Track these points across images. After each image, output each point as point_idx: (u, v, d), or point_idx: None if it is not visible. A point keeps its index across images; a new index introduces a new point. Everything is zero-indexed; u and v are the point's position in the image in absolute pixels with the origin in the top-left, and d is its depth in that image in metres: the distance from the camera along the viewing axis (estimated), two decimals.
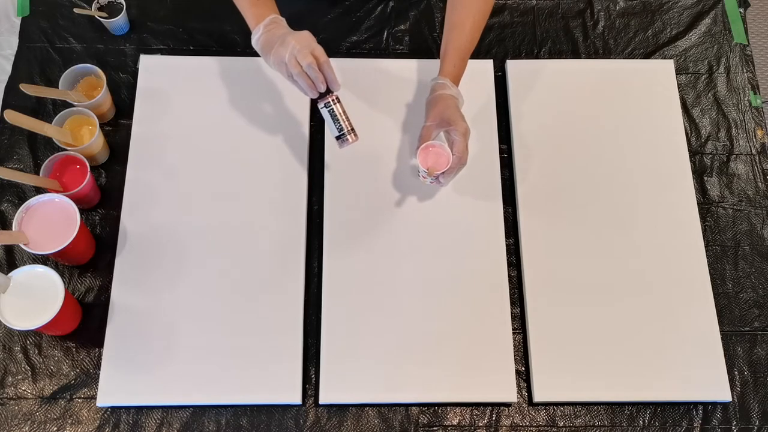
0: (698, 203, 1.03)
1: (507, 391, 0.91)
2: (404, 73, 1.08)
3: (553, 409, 0.93)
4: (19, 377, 0.91)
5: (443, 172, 0.92)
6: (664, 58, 1.14)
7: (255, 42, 0.90)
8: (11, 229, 0.88)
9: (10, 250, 0.98)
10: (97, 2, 1.07)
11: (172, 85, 1.05)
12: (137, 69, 1.07)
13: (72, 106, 0.99)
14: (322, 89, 0.86)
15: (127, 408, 0.91)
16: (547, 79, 1.09)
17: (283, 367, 0.91)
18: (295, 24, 0.97)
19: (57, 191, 0.93)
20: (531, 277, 0.97)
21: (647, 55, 1.14)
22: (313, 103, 1.06)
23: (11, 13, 1.14)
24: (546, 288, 0.97)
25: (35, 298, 0.85)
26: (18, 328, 0.84)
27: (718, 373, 0.93)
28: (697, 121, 1.10)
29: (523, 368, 0.95)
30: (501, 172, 1.02)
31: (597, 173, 1.03)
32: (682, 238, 1.00)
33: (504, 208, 1.01)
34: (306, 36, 0.85)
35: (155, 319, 0.93)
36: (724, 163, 1.08)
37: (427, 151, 0.95)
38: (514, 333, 0.95)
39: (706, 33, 1.16)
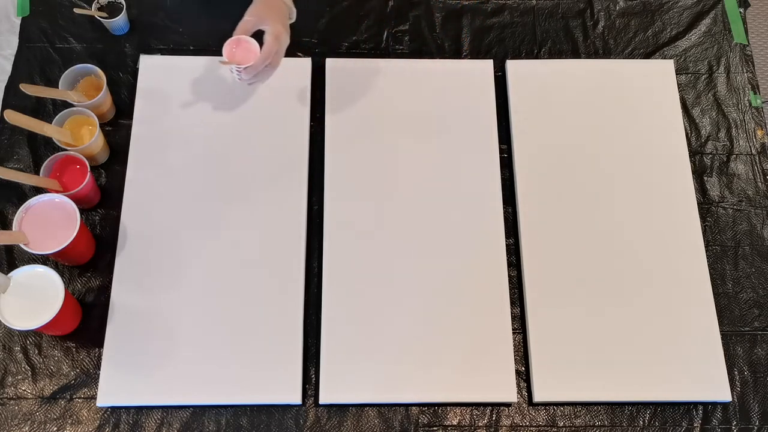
0: (698, 203, 1.03)
1: (507, 391, 0.91)
2: (404, 73, 1.08)
3: (553, 409, 0.93)
4: (19, 377, 0.91)
5: (246, 67, 0.93)
6: (664, 58, 1.14)
7: None
8: (11, 229, 0.88)
9: (10, 250, 0.98)
10: (97, 2, 1.07)
11: (172, 85, 1.05)
12: (137, 69, 1.07)
13: (72, 106, 0.99)
14: None
15: (127, 408, 0.91)
16: (547, 79, 1.09)
17: (283, 367, 0.91)
18: (295, 23, 0.97)
19: (57, 191, 0.93)
20: (531, 277, 0.97)
21: (647, 55, 1.14)
22: (313, 103, 1.06)
23: (11, 13, 1.14)
24: (546, 288, 0.97)
25: (35, 298, 0.85)
26: (18, 328, 0.84)
27: (718, 373, 0.93)
28: (697, 121, 1.10)
29: (523, 368, 0.95)
30: (501, 172, 1.02)
31: (597, 173, 1.03)
32: (682, 238, 1.00)
33: (504, 208, 1.01)
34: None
35: (155, 319, 0.93)
36: (724, 163, 1.08)
37: (236, 45, 0.96)
38: (514, 333, 0.95)
39: (706, 33, 1.16)
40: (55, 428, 0.89)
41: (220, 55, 1.09)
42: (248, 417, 0.91)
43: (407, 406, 0.92)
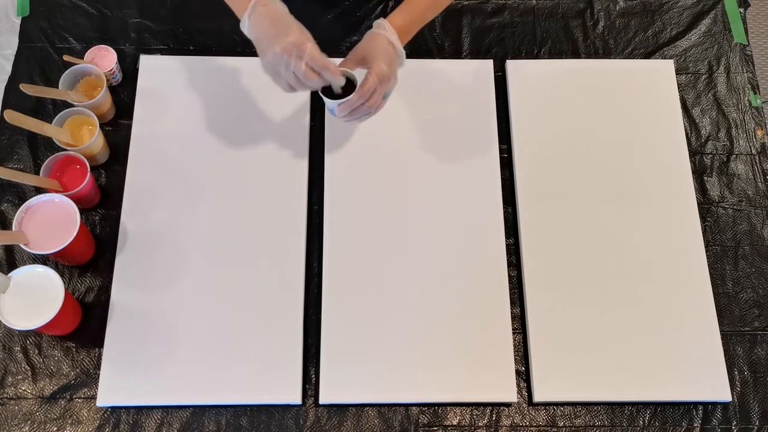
0: (698, 203, 1.03)
1: (507, 391, 0.91)
2: (404, 73, 1.07)
3: (553, 409, 0.93)
4: (19, 377, 0.91)
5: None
6: (664, 58, 1.14)
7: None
8: (11, 229, 0.88)
9: (10, 250, 0.98)
10: None
11: (172, 85, 1.05)
12: (137, 69, 1.07)
13: (72, 106, 0.99)
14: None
15: (127, 408, 0.91)
16: (547, 79, 1.09)
17: (283, 367, 0.91)
18: None
19: (57, 191, 0.93)
20: (531, 277, 0.97)
21: (647, 55, 1.14)
22: (313, 103, 1.06)
23: (11, 13, 1.14)
24: (546, 288, 0.97)
25: (35, 298, 0.85)
26: (18, 328, 0.84)
27: (718, 373, 0.93)
28: (697, 121, 1.10)
29: (523, 368, 0.95)
30: (501, 172, 1.03)
31: (597, 173, 1.03)
32: (682, 238, 1.00)
33: (504, 208, 1.01)
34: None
35: (155, 319, 0.93)
36: (724, 163, 1.08)
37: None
38: (514, 333, 0.95)
39: (706, 33, 1.16)
40: (55, 428, 0.89)
41: (220, 55, 1.09)
42: (248, 417, 0.91)
43: (407, 406, 0.92)
